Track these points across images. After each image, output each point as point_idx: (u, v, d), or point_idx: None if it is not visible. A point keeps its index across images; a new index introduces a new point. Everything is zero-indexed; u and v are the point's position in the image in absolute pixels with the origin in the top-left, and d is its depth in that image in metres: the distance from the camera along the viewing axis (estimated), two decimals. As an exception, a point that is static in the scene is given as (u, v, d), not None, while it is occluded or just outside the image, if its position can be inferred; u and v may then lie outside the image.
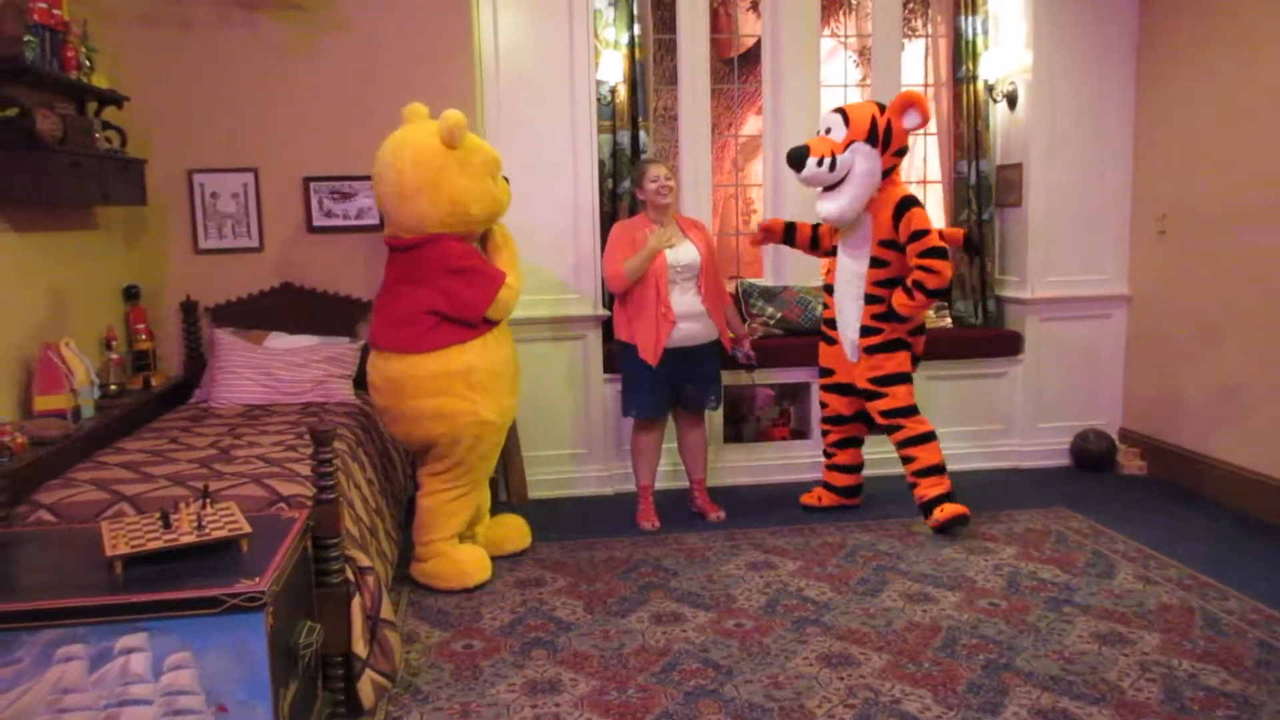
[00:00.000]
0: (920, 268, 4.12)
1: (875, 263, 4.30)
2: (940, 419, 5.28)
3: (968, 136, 5.33)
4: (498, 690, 3.03)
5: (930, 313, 5.40)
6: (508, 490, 4.88)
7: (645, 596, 3.72)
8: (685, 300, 4.36)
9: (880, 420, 4.39)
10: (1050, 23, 5.11)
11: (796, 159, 4.26)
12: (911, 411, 4.35)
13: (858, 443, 4.66)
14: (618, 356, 4.52)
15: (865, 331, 4.36)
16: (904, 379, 4.37)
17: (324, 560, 2.81)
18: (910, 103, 4.22)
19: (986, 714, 2.83)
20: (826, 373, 4.59)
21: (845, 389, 4.52)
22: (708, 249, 4.46)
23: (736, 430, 5.27)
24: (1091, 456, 5.26)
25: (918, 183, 6.05)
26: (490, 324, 3.78)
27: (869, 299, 4.33)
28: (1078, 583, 3.76)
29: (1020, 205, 5.29)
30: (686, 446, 4.63)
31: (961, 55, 5.30)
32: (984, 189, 5.35)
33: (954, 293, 5.46)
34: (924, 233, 4.14)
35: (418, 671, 3.16)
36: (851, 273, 4.37)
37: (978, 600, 3.62)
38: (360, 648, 2.86)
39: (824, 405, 4.64)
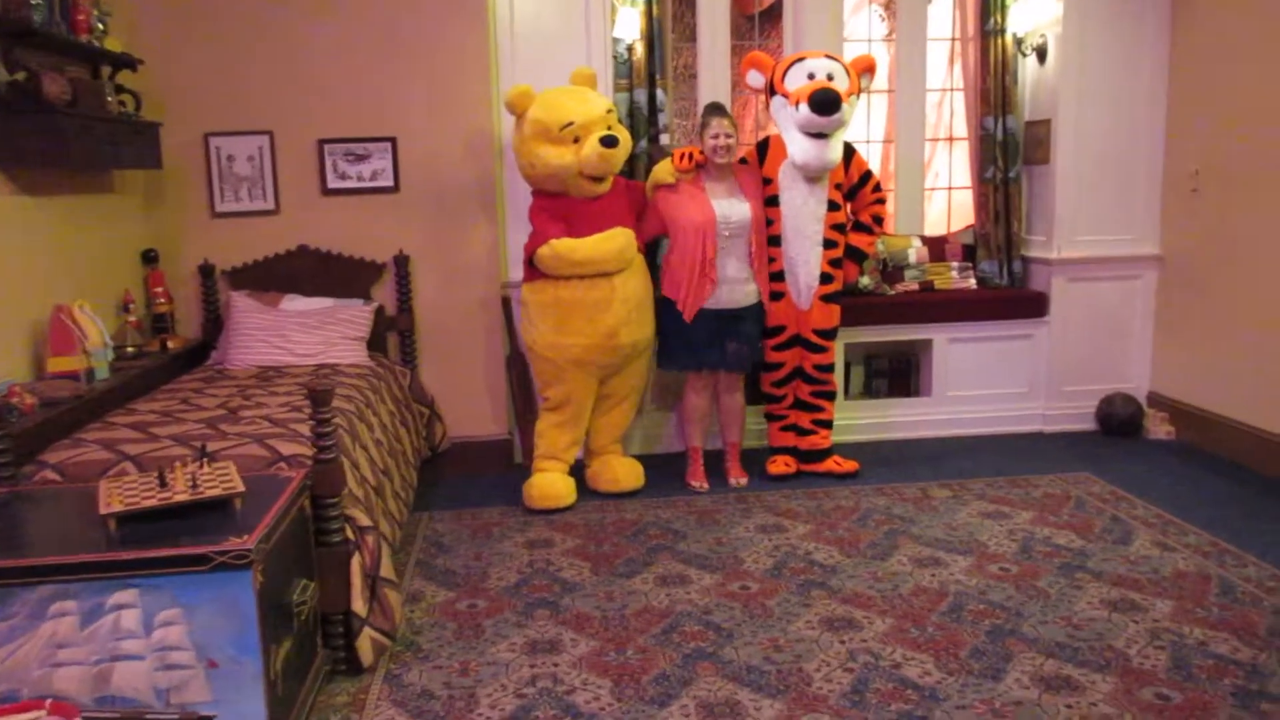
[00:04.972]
0: (877, 201, 4.52)
1: (831, 206, 4.42)
2: (963, 382, 5.23)
3: (995, 92, 5.17)
4: (498, 649, 3.05)
5: (954, 273, 5.31)
6: (523, 452, 4.90)
7: (652, 558, 3.72)
8: (731, 262, 4.30)
9: (812, 373, 4.55)
10: (1082, -27, 4.94)
11: (833, 104, 4.14)
12: (833, 368, 4.63)
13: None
14: (659, 311, 4.44)
15: (823, 279, 4.43)
16: (836, 334, 4.59)
17: (323, 519, 2.83)
18: (869, 67, 4.44)
19: (987, 679, 2.79)
20: (776, 330, 4.50)
21: (792, 342, 4.52)
22: (760, 203, 4.38)
23: (753, 392, 5.21)
24: (1117, 421, 5.14)
25: (944, 140, 5.92)
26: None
27: (826, 243, 4.41)
28: (1093, 548, 3.69)
29: (1048, 163, 5.14)
30: (724, 409, 4.59)
31: (990, 7, 5.12)
32: (1011, 146, 5.20)
33: (979, 252, 5.34)
34: (870, 171, 4.53)
35: (420, 630, 3.19)
36: (811, 217, 4.38)
37: (988, 565, 3.57)
38: (360, 606, 2.88)
39: (777, 366, 4.55)
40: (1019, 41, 5.18)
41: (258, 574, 2.27)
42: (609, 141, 4.12)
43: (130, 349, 4.03)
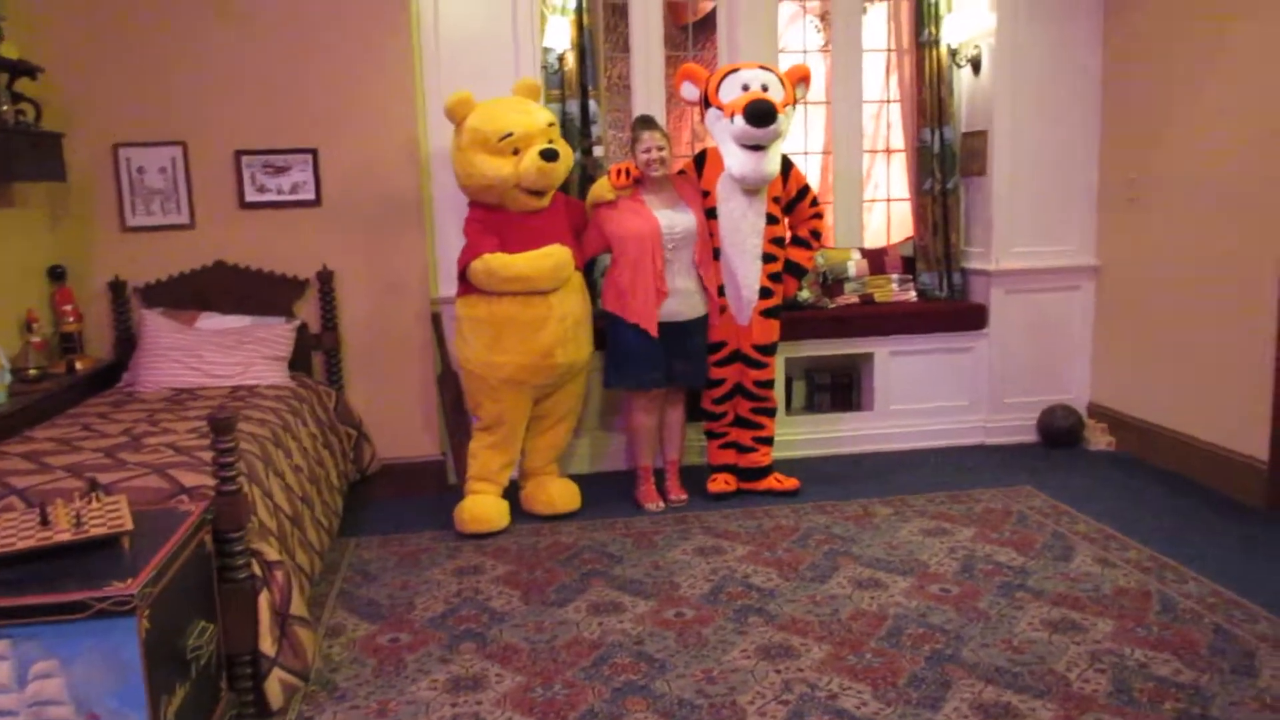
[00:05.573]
0: (815, 216, 4.45)
1: (770, 219, 4.33)
2: (905, 395, 5.17)
3: (931, 103, 5.13)
4: (419, 687, 2.89)
5: (894, 286, 5.25)
6: (457, 473, 4.73)
7: (585, 584, 3.58)
8: (678, 273, 4.21)
9: (752, 389, 4.46)
10: (1015, -17, 4.92)
11: (769, 115, 4.05)
12: (774, 384, 4.54)
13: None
14: (606, 330, 4.33)
15: (762, 293, 4.35)
16: (776, 350, 4.49)
17: (227, 555, 2.66)
18: (804, 77, 4.35)
19: (926, 709, 2.70)
20: (717, 346, 4.40)
21: (732, 358, 4.42)
22: (702, 213, 4.29)
23: (692, 409, 5.10)
24: (1059, 432, 5.12)
25: (883, 151, 5.88)
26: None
27: (766, 257, 4.33)
28: (1034, 566, 3.63)
29: (985, 174, 5.11)
30: (665, 425, 4.48)
31: (924, 18, 5.09)
32: (948, 157, 5.16)
33: (919, 264, 5.29)
34: (808, 186, 4.47)
35: (338, 667, 3.02)
36: (751, 230, 4.30)
37: (929, 586, 3.48)
38: (268, 646, 2.71)
39: (718, 383, 4.44)
40: (953, 52, 5.15)
41: (143, 620, 2.10)
42: (549, 155, 3.99)
43: (32, 371, 3.81)
